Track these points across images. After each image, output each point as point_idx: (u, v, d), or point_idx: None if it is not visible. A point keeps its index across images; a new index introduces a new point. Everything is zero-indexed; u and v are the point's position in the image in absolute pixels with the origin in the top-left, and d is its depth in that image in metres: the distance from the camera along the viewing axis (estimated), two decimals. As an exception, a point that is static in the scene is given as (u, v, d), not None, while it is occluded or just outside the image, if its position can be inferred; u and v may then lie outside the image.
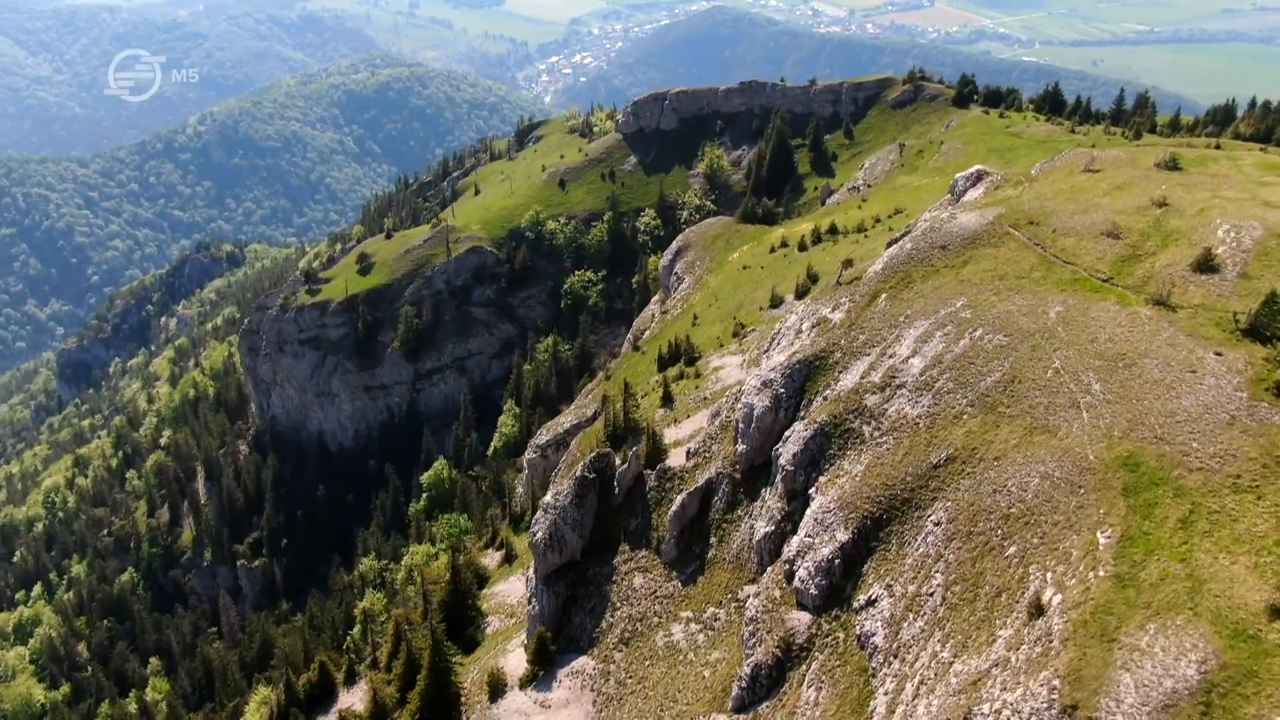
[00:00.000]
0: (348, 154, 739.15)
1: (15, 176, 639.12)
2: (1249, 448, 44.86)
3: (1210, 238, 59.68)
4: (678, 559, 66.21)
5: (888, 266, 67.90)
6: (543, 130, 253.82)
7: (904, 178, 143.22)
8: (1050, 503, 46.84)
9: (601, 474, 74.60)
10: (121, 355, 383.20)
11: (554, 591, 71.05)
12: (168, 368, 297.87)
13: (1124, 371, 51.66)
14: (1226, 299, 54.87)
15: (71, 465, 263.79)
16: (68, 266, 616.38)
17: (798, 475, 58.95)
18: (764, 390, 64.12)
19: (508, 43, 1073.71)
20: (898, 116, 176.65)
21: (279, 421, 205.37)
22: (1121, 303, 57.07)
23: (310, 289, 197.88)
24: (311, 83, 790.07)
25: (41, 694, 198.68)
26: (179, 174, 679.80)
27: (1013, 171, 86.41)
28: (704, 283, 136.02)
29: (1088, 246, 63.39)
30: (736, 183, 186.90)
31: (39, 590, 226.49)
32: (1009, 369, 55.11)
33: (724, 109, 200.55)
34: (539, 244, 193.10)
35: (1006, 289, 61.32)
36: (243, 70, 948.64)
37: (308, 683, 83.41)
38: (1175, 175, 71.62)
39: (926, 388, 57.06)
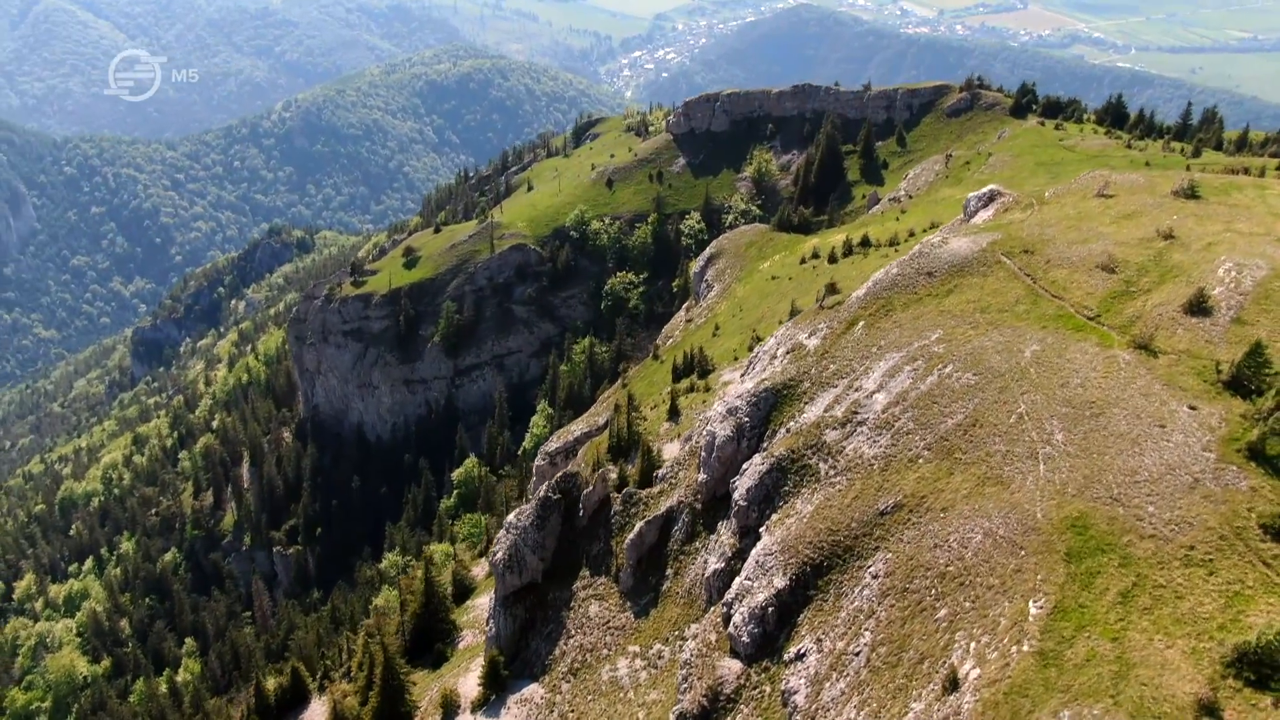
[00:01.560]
0: (426, 144, 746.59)
1: (107, 157, 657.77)
2: (1208, 516, 40.95)
3: (1209, 277, 55.27)
4: (634, 589, 63.69)
5: (870, 292, 64.45)
6: (600, 128, 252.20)
7: (947, 189, 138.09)
8: (988, 563, 43.42)
9: (567, 495, 72.38)
10: (192, 335, 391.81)
11: (512, 614, 69.04)
12: (229, 350, 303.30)
13: (1090, 421, 47.86)
14: (1214, 346, 50.60)
15: (130, 443, 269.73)
16: (152, 246, 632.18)
17: (751, 511, 56.06)
18: (728, 418, 61.23)
19: (591, 37, 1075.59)
20: (952, 125, 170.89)
21: (321, 411, 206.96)
22: (1102, 344, 53.06)
23: (356, 280, 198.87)
24: (395, 72, 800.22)
25: (84, 666, 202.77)
26: (262, 159, 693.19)
27: (1024, 193, 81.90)
28: (731, 291, 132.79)
29: (1080, 280, 59.27)
30: (784, 188, 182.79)
31: (90, 564, 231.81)
32: (972, 411, 51.54)
33: (776, 112, 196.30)
34: (583, 243, 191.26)
35: (986, 323, 57.56)
36: (330, 59, 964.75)
37: (278, 688, 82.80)
38: (1191, 205, 66.84)
39: (887, 426, 53.71)
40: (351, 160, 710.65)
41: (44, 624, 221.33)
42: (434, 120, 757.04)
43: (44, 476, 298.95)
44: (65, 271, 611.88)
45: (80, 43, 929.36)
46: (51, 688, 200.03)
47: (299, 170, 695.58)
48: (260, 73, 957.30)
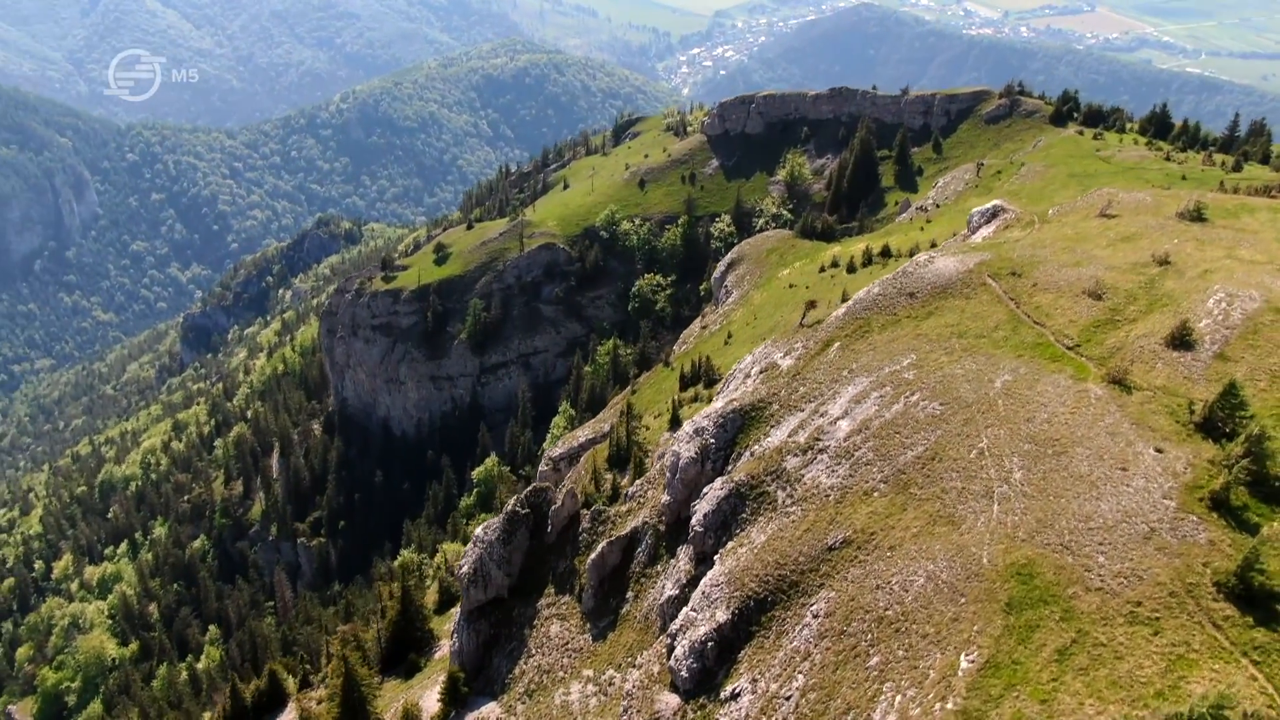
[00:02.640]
0: (481, 137, 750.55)
1: (168, 144, 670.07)
2: (1160, 570, 38.33)
3: (1197, 307, 52.26)
4: (595, 610, 62.01)
5: (850, 312, 62.11)
6: (640, 127, 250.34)
7: (975, 199, 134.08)
8: (927, 610, 41.11)
9: (536, 510, 70.86)
10: (240, 323, 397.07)
11: (475, 629, 67.68)
12: (271, 340, 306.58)
13: (1051, 460, 45.27)
14: (1192, 383, 47.68)
15: (170, 428, 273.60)
16: (210, 233, 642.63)
17: (708, 537, 54.12)
18: (694, 438, 59.30)
19: (650, 33, 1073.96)
20: (989, 132, 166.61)
21: (349, 404, 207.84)
22: (1076, 376, 50.35)
23: (386, 276, 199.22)
24: (452, 65, 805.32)
25: (113, 649, 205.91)
26: (319, 149, 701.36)
27: (1027, 210, 78.78)
28: (749, 299, 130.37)
29: (1064, 306, 56.46)
30: (817, 193, 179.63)
31: (124, 548, 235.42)
32: (934, 443, 49.14)
33: (811, 115, 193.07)
34: (613, 244, 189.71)
35: (961, 349, 55.02)
36: (390, 51, 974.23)
37: (256, 690, 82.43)
38: (1195, 228, 63.52)
39: (847, 455, 51.46)
40: (406, 152, 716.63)
41: (78, 605, 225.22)
42: (489, 114, 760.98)
43: (89, 458, 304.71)
44: (125, 256, 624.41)
45: (148, 31, 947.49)
46: (81, 669, 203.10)
47: (355, 161, 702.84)
48: (321, 64, 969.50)
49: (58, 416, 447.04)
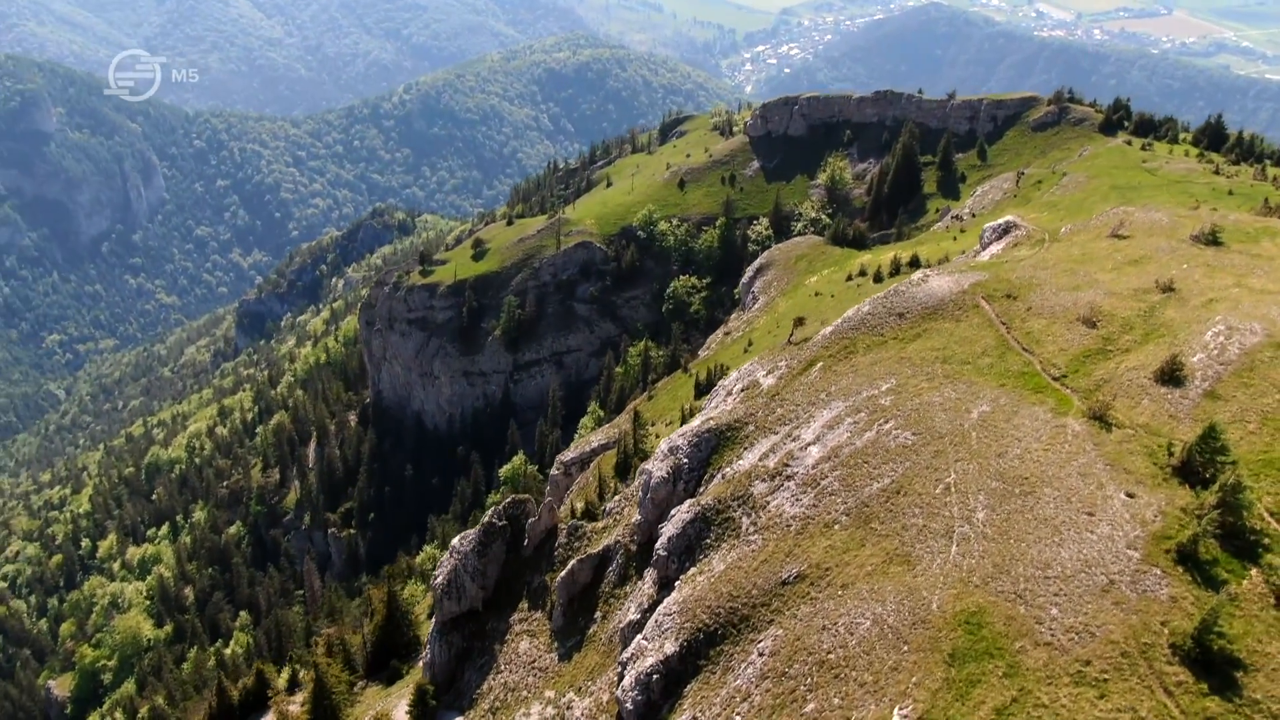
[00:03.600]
0: (541, 130, 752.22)
1: (234, 132, 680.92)
2: (1115, 626, 35.88)
3: (1193, 340, 49.31)
4: (564, 629, 60.50)
5: (837, 331, 59.82)
6: (687, 125, 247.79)
7: (1013, 209, 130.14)
8: (868, 656, 39.00)
9: (514, 522, 69.47)
10: (293, 310, 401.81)
11: (448, 641, 66.51)
12: (320, 328, 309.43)
13: (1018, 500, 42.82)
14: (1177, 422, 44.89)
15: (216, 414, 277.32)
16: (271, 220, 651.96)
17: (671, 562, 52.34)
18: (668, 457, 57.52)
19: (715, 29, 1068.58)
20: (1036, 140, 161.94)
21: (385, 397, 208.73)
22: (1057, 410, 47.74)
23: (423, 270, 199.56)
24: (515, 59, 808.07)
25: (149, 630, 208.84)
26: (381, 139, 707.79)
27: (1040, 227, 75.59)
28: (774, 305, 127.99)
29: (1056, 333, 53.74)
30: (857, 197, 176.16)
31: (166, 530, 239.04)
32: (900, 476, 46.87)
33: (855, 118, 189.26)
34: (650, 244, 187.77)
35: (943, 375, 52.55)
36: (455, 43, 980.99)
37: (243, 689, 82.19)
38: (1208, 252, 60.24)
39: (813, 484, 49.34)
40: (467, 144, 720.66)
41: (118, 584, 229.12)
42: (550, 108, 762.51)
43: (141, 439, 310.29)
44: (189, 241, 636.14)
45: (220, 20, 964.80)
46: (118, 648, 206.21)
47: (416, 152, 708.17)
48: (387, 55, 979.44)
49: (117, 396, 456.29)
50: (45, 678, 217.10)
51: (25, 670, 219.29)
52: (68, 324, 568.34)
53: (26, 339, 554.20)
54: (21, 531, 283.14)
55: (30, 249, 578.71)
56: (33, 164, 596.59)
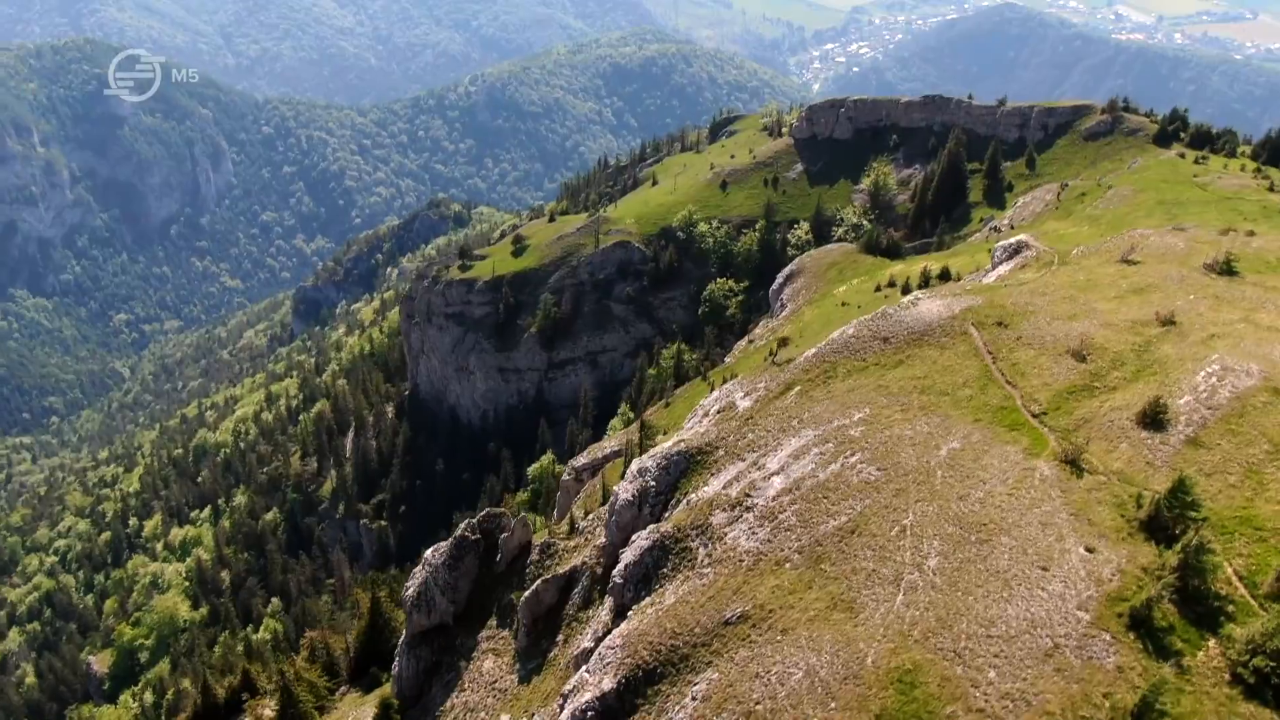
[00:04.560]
0: (604, 125, 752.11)
1: (302, 119, 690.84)
2: (1053, 696, 33.37)
3: (1184, 381, 46.21)
4: (527, 650, 58.89)
5: (819, 353, 57.44)
6: (737, 125, 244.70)
7: (1052, 222, 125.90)
8: (795, 710, 36.88)
9: (488, 536, 67.97)
10: (348, 298, 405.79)
11: (416, 655, 65.22)
12: (370, 318, 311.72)
13: (972, 548, 40.27)
14: (1154, 470, 41.93)
15: (263, 399, 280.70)
16: (335, 207, 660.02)
17: (627, 590, 50.49)
18: (636, 479, 55.61)
19: (784, 26, 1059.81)
20: (1087, 149, 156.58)
21: (422, 390, 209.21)
22: (1029, 451, 44.98)
23: (463, 265, 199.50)
24: (580, 52, 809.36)
25: (186, 611, 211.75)
26: (445, 130, 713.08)
27: (1049, 249, 72.14)
28: (800, 315, 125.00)
29: (1043, 366, 50.86)
30: (901, 204, 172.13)
31: (208, 513, 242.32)
32: (858, 514, 44.49)
33: (902, 122, 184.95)
34: (689, 245, 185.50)
35: (919, 406, 49.98)
36: (524, 35, 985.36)
37: (230, 688, 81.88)
38: (1220, 283, 56.75)
39: (771, 517, 47.15)
40: (530, 137, 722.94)
41: (159, 565, 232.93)
42: (614, 102, 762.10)
43: (194, 421, 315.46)
44: (254, 226, 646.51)
45: (294, 8, 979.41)
46: (155, 628, 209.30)
47: (479, 143, 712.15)
48: (456, 46, 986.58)
49: (177, 376, 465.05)
50: (87, 653, 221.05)
51: (70, 644, 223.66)
52: (135, 304, 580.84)
53: (95, 317, 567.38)
54: (75, 507, 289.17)
55: (101, 230, 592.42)
56: (106, 147, 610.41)
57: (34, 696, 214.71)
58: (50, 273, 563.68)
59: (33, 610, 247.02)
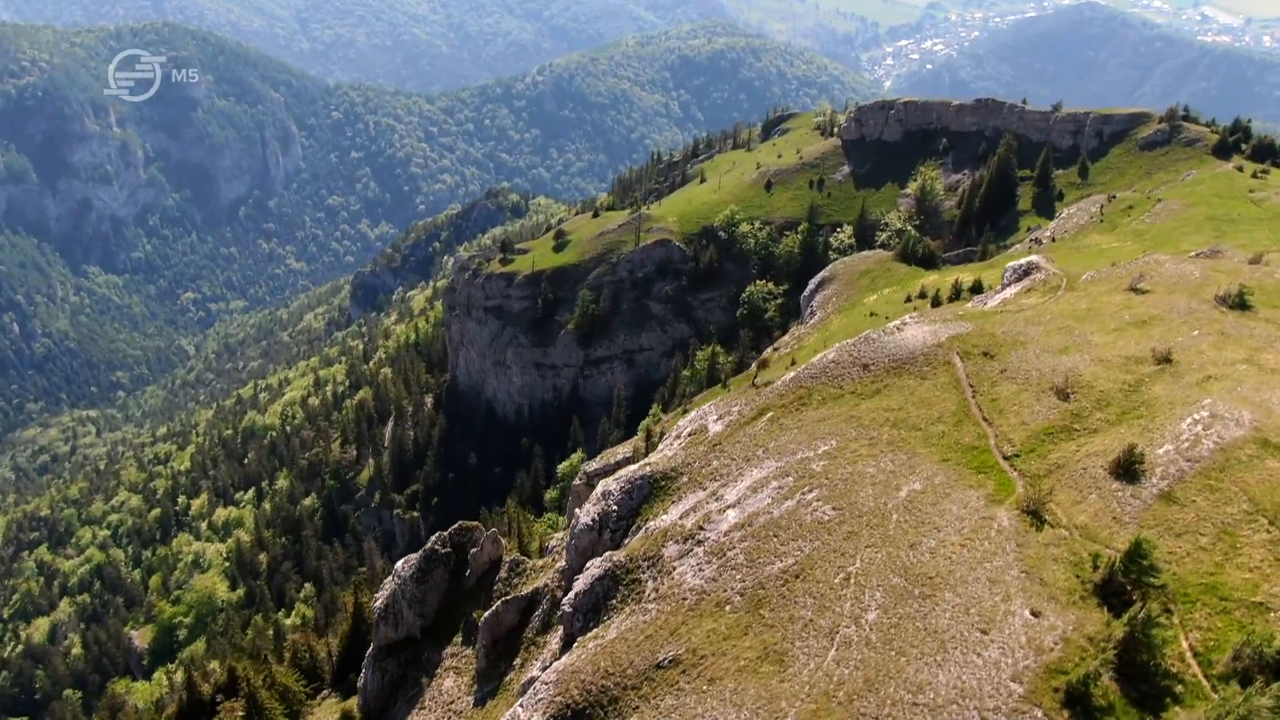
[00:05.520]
0: (670, 118, 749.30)
1: (371, 105, 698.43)
2: (972, 776, 30.66)
3: (1167, 428, 42.96)
4: (485, 671, 57.26)
5: (796, 379, 54.90)
6: (790, 123, 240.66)
7: (1095, 236, 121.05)
8: (705, 770, 34.57)
9: (459, 549, 66.38)
10: (404, 285, 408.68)
11: (382, 668, 63.91)
12: (421, 306, 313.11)
13: (914, 603, 37.65)
14: (1120, 526, 38.85)
15: (311, 383, 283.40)
16: (400, 193, 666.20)
17: (576, 619, 48.55)
18: (599, 501, 53.61)
19: (858, 21, 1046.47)
20: (1143, 160, 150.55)
21: (460, 383, 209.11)
22: (992, 497, 42.09)
23: (503, 258, 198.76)
24: (649, 45, 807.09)
25: (224, 592, 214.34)
26: (511, 119, 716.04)
27: (1059, 271, 68.43)
28: (827, 324, 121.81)
29: (1024, 403, 47.80)
30: (947, 210, 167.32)
31: (251, 495, 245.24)
32: (806, 557, 42.05)
33: (953, 126, 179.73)
34: (730, 245, 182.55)
35: (887, 441, 47.28)
36: (595, 26, 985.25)
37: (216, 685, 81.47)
38: (1229, 317, 53.00)
39: (720, 554, 44.88)
40: (595, 128, 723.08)
41: (202, 544, 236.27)
42: (680, 95, 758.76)
43: (249, 401, 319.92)
44: (320, 209, 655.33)
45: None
46: (194, 606, 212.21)
47: (544, 133, 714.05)
48: (527, 35, 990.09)
49: (239, 356, 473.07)
50: (130, 627, 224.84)
51: (115, 618, 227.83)
52: (202, 283, 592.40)
53: (163, 295, 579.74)
54: (129, 482, 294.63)
55: (173, 210, 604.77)
56: (180, 129, 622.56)
57: (79, 667, 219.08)
58: (122, 250, 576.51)
59: (84, 582, 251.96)
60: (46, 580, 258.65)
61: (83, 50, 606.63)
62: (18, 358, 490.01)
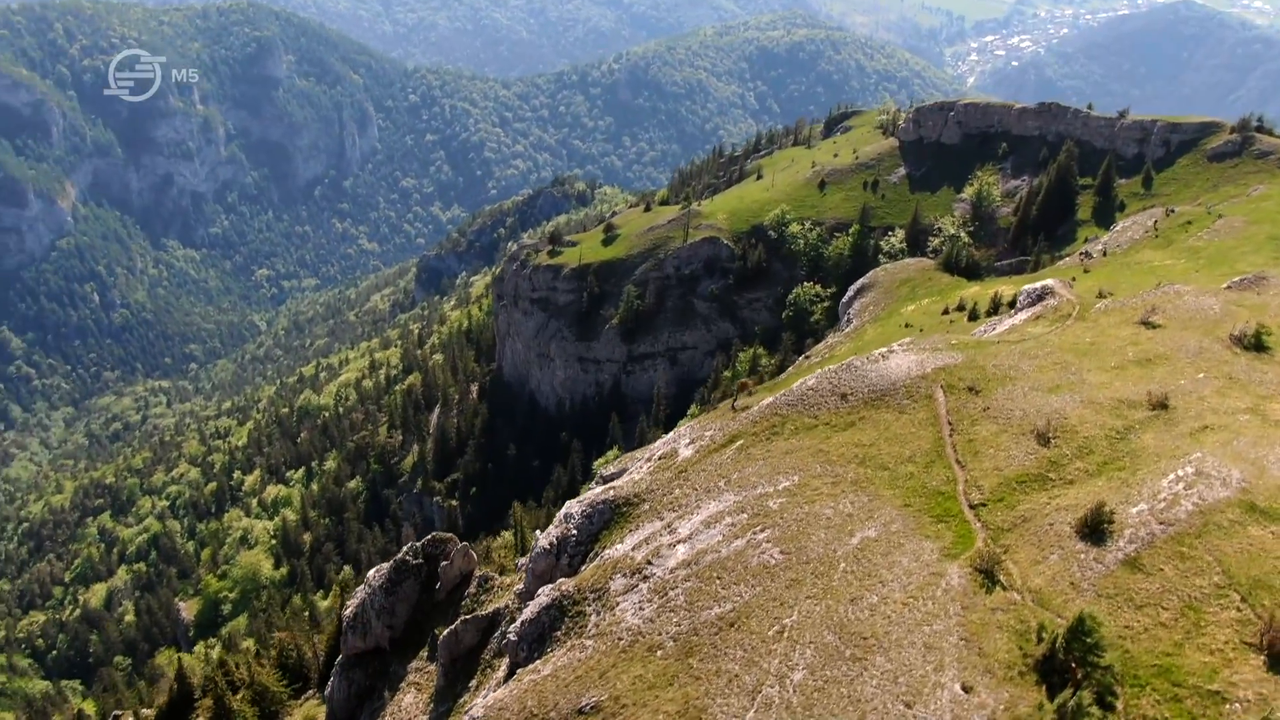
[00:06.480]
0: (746, 109, 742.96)
1: (447, 89, 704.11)
2: None
3: (1147, 484, 39.47)
4: (443, 691, 55.62)
5: (774, 404, 52.24)
6: (854, 121, 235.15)
7: (1149, 252, 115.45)
8: (599, 836, 32.46)
9: (432, 561, 64.84)
10: (468, 270, 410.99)
11: (349, 678, 62.67)
12: (480, 292, 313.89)
13: (844, 666, 35.05)
14: (1076, 594, 35.71)
15: (367, 366, 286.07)
16: (473, 178, 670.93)
17: (521, 649, 46.63)
18: (561, 524, 51.62)
19: (943, 15, 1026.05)
20: (1210, 171, 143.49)
21: (505, 373, 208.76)
22: (946, 550, 39.18)
23: (552, 250, 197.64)
24: (727, 35, 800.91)
25: (268, 569, 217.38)
26: (586, 106, 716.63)
27: (1073, 299, 64.43)
28: (861, 333, 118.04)
29: (1001, 446, 44.62)
30: (1004, 217, 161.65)
31: (301, 474, 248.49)
32: (744, 604, 39.62)
33: (1014, 130, 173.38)
34: (779, 245, 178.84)
35: (851, 481, 44.48)
36: (675, 14, 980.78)
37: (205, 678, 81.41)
38: (1241, 360, 49.01)
39: (662, 592, 42.62)
40: (670, 118, 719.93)
41: (251, 521, 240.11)
42: (757, 87, 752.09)
43: (310, 380, 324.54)
44: (394, 191, 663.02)
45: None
46: (239, 582, 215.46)
47: (618, 122, 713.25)
48: (608, 22, 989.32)
49: (307, 334, 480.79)
50: (179, 599, 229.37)
51: (167, 588, 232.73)
52: (276, 260, 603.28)
53: (239, 270, 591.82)
54: (189, 455, 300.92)
55: (250, 187, 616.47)
56: (261, 107, 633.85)
57: (131, 635, 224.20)
58: (200, 225, 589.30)
59: (141, 550, 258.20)
60: (107, 547, 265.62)
61: (170, 28, 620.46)
62: (97, 327, 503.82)
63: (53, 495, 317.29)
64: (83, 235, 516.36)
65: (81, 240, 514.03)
